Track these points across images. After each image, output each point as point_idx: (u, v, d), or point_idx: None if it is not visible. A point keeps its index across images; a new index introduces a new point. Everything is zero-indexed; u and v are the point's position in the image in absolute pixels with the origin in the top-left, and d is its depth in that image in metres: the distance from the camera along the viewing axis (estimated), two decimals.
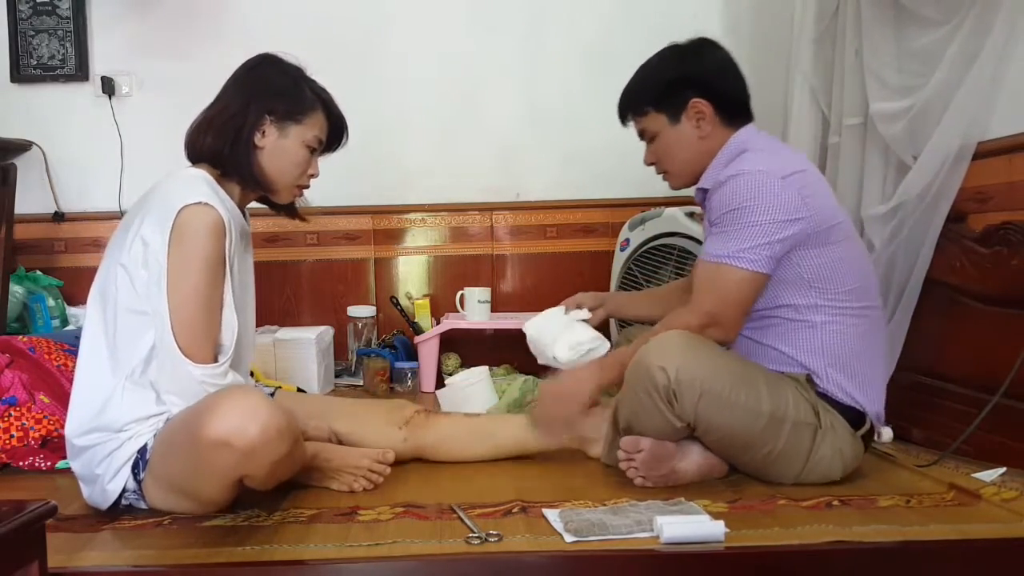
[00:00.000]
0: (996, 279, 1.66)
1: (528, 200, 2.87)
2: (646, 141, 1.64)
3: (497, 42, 2.82)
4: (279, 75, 1.50)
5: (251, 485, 1.30)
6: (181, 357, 1.31)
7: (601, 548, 1.16)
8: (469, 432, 1.66)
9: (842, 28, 2.13)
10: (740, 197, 1.44)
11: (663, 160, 1.62)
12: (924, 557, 1.17)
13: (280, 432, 1.23)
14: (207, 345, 1.34)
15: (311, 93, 1.51)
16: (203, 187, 1.36)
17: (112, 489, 1.34)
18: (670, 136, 1.58)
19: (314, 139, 1.50)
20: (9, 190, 2.52)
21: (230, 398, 1.24)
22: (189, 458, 1.26)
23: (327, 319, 2.73)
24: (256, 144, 1.45)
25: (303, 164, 1.50)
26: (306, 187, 1.56)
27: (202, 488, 1.30)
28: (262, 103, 1.45)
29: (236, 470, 1.23)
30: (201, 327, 1.33)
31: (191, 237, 1.32)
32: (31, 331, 2.47)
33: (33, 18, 2.73)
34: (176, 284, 1.31)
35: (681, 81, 1.56)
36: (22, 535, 0.90)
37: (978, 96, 1.70)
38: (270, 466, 1.24)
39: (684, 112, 1.56)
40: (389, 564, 1.14)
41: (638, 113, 1.61)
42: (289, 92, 1.48)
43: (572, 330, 1.69)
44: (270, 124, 1.46)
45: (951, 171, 1.75)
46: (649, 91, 1.60)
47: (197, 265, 1.32)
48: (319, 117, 1.50)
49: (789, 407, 1.40)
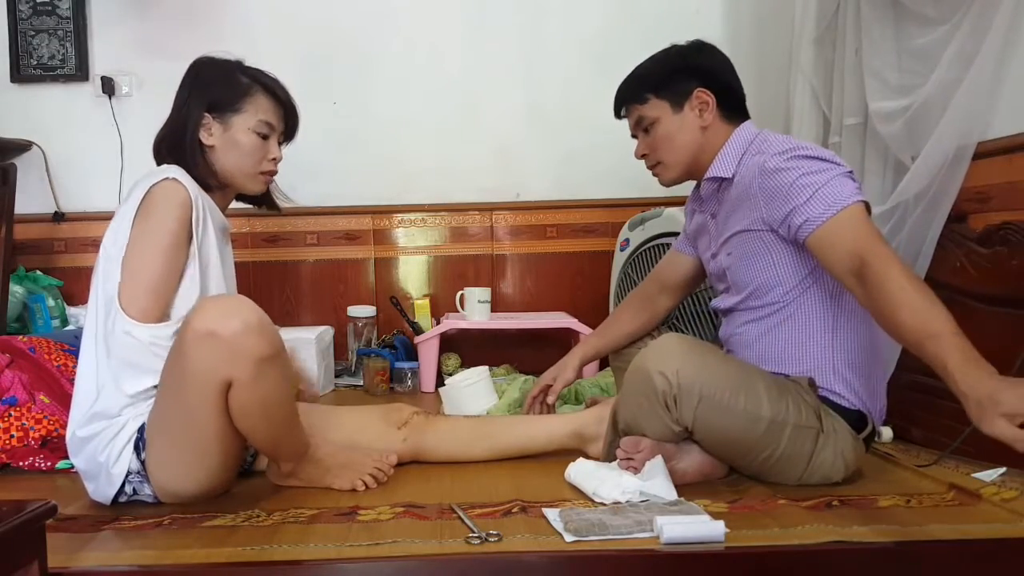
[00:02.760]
0: (996, 279, 1.66)
1: (528, 200, 2.87)
2: (640, 132, 1.62)
3: (497, 42, 2.82)
4: (210, 71, 1.52)
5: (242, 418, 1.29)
6: (123, 314, 1.32)
7: (601, 548, 1.16)
8: (469, 432, 1.66)
9: (842, 28, 2.13)
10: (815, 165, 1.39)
11: (659, 150, 1.59)
12: (924, 557, 1.17)
13: (261, 326, 1.25)
14: (154, 305, 1.34)
15: (246, 79, 1.51)
16: (174, 170, 1.42)
17: (117, 473, 1.35)
18: (671, 124, 1.56)
19: (260, 124, 1.50)
20: (9, 190, 2.53)
21: (212, 299, 1.33)
22: (176, 374, 1.27)
23: (327, 319, 2.73)
24: (204, 143, 1.49)
25: (257, 151, 1.51)
26: (271, 172, 1.56)
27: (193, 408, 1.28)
28: (198, 102, 1.48)
29: (221, 367, 1.23)
30: (150, 287, 1.34)
31: (155, 206, 1.37)
32: (31, 331, 2.47)
33: (33, 18, 2.74)
34: (133, 247, 1.36)
35: (686, 70, 1.56)
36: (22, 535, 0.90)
37: (977, 96, 1.70)
38: (254, 366, 1.24)
39: (688, 101, 1.55)
40: (389, 564, 1.13)
41: (637, 100, 1.59)
42: (221, 84, 1.50)
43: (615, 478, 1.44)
44: (212, 121, 1.49)
45: (950, 171, 1.75)
46: (652, 78, 1.58)
47: (157, 231, 1.36)
48: (261, 100, 1.51)
49: (790, 411, 1.39)
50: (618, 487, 1.35)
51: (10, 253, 2.49)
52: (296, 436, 1.43)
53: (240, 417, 1.30)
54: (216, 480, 1.38)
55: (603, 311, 2.58)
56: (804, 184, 1.39)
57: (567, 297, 2.85)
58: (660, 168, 1.62)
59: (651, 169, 1.64)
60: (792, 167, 1.41)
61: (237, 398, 1.27)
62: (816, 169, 1.39)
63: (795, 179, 1.40)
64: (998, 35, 1.64)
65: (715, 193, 1.58)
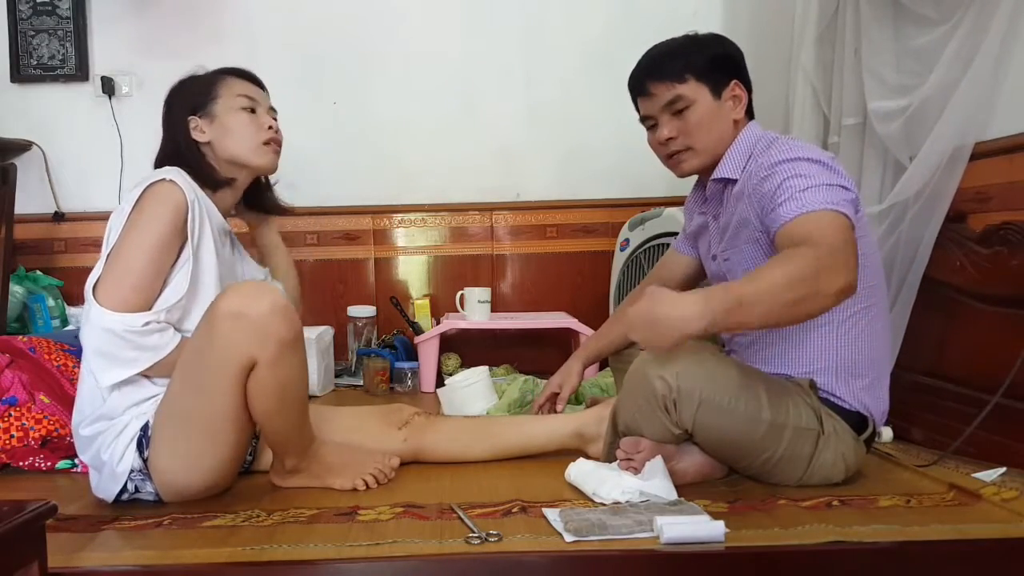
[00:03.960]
0: (996, 279, 1.66)
1: (528, 200, 2.87)
2: (666, 115, 1.52)
3: (497, 42, 2.82)
4: (178, 89, 1.56)
5: (258, 402, 1.32)
6: (96, 303, 1.32)
7: (601, 548, 1.16)
8: (469, 433, 1.66)
9: (842, 28, 2.13)
10: (806, 168, 1.36)
11: (692, 134, 1.50)
12: (924, 557, 1.17)
13: (286, 310, 1.30)
14: (133, 299, 1.33)
15: (208, 73, 1.56)
16: (173, 172, 1.42)
17: (121, 470, 1.36)
18: (709, 109, 1.50)
19: (241, 99, 1.53)
20: (9, 190, 2.53)
21: (241, 284, 1.37)
22: (198, 354, 1.30)
23: (327, 319, 2.73)
24: (200, 143, 1.52)
25: (251, 125, 1.53)
26: (276, 141, 1.56)
27: (211, 391, 1.30)
28: (181, 114, 1.52)
29: (246, 346, 1.27)
30: (131, 283, 1.34)
31: (149, 204, 1.38)
32: (31, 331, 2.47)
33: (33, 18, 2.74)
34: (120, 242, 1.36)
35: (725, 59, 1.53)
36: (22, 535, 0.90)
37: (976, 96, 1.70)
38: (277, 347, 1.28)
39: (725, 90, 1.51)
40: (389, 564, 1.13)
41: (676, 78, 1.49)
42: (191, 87, 1.55)
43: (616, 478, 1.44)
44: (199, 119, 1.52)
45: (948, 171, 1.75)
46: (693, 59, 1.50)
47: (146, 227, 1.36)
48: (230, 81, 1.54)
49: (790, 414, 1.38)
50: (618, 487, 1.35)
51: (10, 253, 2.50)
52: (305, 429, 1.44)
53: (258, 399, 1.32)
54: (220, 473, 1.38)
55: (603, 311, 2.59)
56: (787, 187, 1.36)
57: (567, 297, 2.84)
58: (688, 155, 1.53)
59: (674, 156, 1.55)
60: (783, 171, 1.38)
61: (258, 379, 1.30)
62: (805, 173, 1.36)
63: (781, 182, 1.37)
64: (997, 35, 1.65)
65: (719, 194, 1.56)
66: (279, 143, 1.57)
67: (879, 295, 1.49)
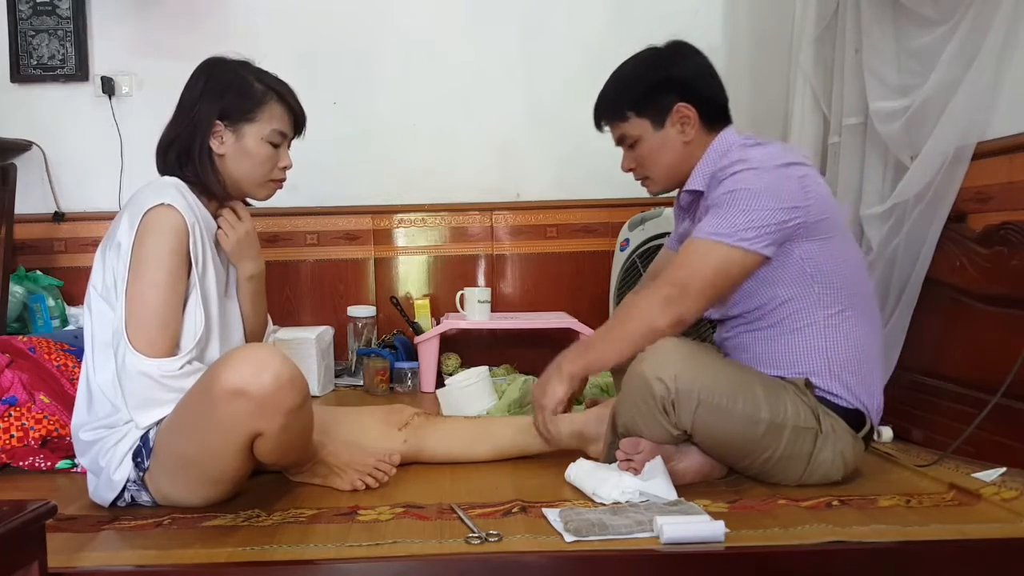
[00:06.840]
0: (996, 279, 1.66)
1: (528, 200, 2.87)
2: (624, 147, 1.61)
3: (497, 42, 2.82)
4: (223, 75, 1.45)
5: (263, 456, 1.31)
6: (131, 349, 1.30)
7: (601, 548, 1.16)
8: (469, 433, 1.66)
9: (842, 28, 2.13)
10: (743, 183, 1.40)
11: (645, 166, 1.59)
12: (924, 557, 1.17)
13: (292, 380, 1.25)
14: (161, 339, 1.32)
15: (261, 86, 1.45)
16: (171, 191, 1.37)
17: (118, 479, 1.35)
18: (654, 141, 1.55)
19: (274, 133, 1.45)
20: (9, 190, 2.53)
21: (241, 352, 1.28)
22: (201, 419, 1.26)
23: (327, 319, 2.73)
24: (215, 152, 1.44)
25: (269, 161, 1.46)
26: (281, 180, 1.51)
27: (215, 453, 1.28)
28: (210, 109, 1.42)
29: (250, 422, 1.23)
30: (155, 322, 1.32)
31: (151, 234, 1.34)
32: (31, 331, 2.47)
33: (33, 18, 2.73)
34: (133, 279, 1.33)
35: (664, 85, 1.54)
36: (22, 535, 0.90)
37: (976, 96, 1.70)
38: (284, 417, 1.24)
39: (668, 117, 1.53)
40: (389, 564, 1.14)
41: (618, 118, 1.57)
42: (235, 92, 1.43)
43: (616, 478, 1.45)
44: (224, 129, 1.43)
45: (950, 171, 1.75)
46: (630, 95, 1.56)
47: (154, 261, 1.33)
48: (275, 109, 1.45)
49: (788, 413, 1.39)
50: (618, 487, 1.35)
51: (10, 253, 2.50)
52: (308, 448, 1.45)
53: (266, 455, 1.32)
54: (221, 498, 1.38)
55: (603, 311, 2.58)
56: (720, 201, 1.43)
57: (567, 297, 2.84)
58: (649, 182, 1.62)
59: (639, 181, 1.64)
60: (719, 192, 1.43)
61: (264, 446, 1.29)
62: (744, 187, 1.40)
63: (720, 194, 1.43)
64: (997, 35, 1.65)
65: (693, 203, 1.59)
66: (283, 183, 1.52)
67: (857, 299, 1.48)
